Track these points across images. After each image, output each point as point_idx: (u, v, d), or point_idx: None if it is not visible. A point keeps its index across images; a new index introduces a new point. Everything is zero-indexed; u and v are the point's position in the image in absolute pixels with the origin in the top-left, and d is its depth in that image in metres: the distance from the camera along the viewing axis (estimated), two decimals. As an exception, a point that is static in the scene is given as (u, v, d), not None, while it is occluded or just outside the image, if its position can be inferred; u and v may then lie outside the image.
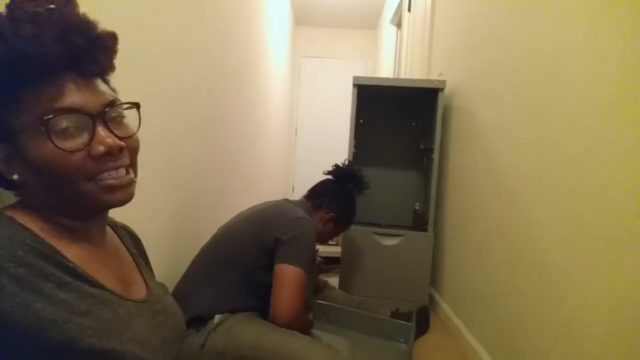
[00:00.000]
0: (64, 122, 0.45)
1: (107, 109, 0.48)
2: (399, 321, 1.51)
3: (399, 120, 2.41)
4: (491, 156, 1.55)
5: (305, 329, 1.17)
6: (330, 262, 2.58)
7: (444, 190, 2.09)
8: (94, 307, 0.45)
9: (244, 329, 1.08)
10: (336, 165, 1.53)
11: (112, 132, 0.48)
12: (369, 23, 5.17)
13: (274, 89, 3.58)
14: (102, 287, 0.48)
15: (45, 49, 0.43)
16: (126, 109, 0.52)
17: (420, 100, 2.20)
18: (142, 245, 0.72)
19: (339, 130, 5.00)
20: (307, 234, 1.20)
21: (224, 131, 1.90)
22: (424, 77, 2.62)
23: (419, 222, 2.19)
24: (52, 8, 0.44)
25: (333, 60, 5.36)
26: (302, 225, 1.20)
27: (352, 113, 2.08)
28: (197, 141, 1.50)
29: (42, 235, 0.45)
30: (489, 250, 1.51)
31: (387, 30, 4.29)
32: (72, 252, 0.48)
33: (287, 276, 1.10)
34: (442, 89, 2.01)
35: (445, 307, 1.95)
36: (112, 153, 0.48)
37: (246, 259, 1.18)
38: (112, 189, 0.49)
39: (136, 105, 0.53)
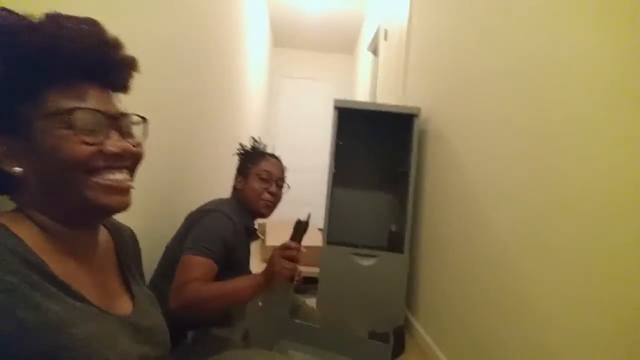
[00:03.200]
0: (87, 117, 0.49)
1: (124, 116, 0.54)
2: (376, 342, 1.53)
3: (376, 143, 2.48)
4: (465, 179, 1.62)
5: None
6: (308, 282, 2.57)
7: (419, 213, 2.15)
8: (81, 320, 0.45)
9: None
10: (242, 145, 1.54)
11: (124, 137, 0.53)
12: (346, 48, 5.33)
13: (251, 107, 3.61)
14: (87, 302, 0.49)
15: (82, 53, 0.49)
16: (136, 122, 0.57)
17: (397, 124, 2.29)
18: (138, 246, 0.73)
19: (316, 149, 5.08)
20: (209, 224, 1.17)
21: (201, 152, 1.91)
22: (398, 101, 2.73)
23: (395, 243, 2.23)
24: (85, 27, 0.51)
25: (310, 81, 5.47)
26: (209, 217, 1.19)
27: (332, 135, 2.13)
28: (171, 162, 1.50)
29: (31, 245, 0.46)
30: (464, 272, 1.56)
31: (364, 56, 4.44)
32: (60, 266, 0.48)
33: (182, 264, 1.07)
34: (416, 115, 2.10)
35: (419, 328, 1.98)
36: (123, 155, 0.52)
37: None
38: (112, 190, 0.51)
39: (144, 120, 0.58)
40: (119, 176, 0.52)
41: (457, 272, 1.63)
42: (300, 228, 1.41)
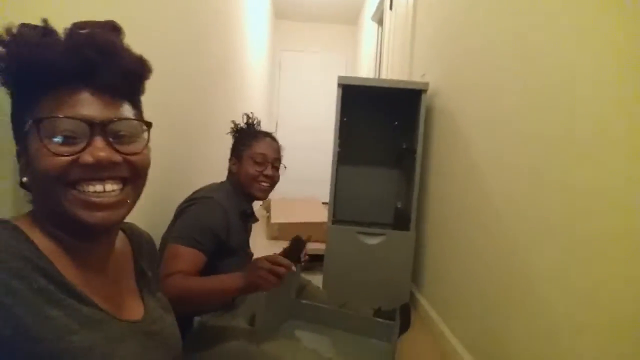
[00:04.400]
0: (60, 125, 0.45)
1: (111, 122, 0.48)
2: (382, 320, 1.54)
3: (382, 119, 2.42)
4: (473, 156, 1.58)
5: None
6: (313, 260, 2.58)
7: (426, 190, 2.12)
8: (83, 327, 0.44)
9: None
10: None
11: (111, 145, 0.48)
12: (350, 19, 5.16)
13: (253, 82, 3.54)
14: (96, 307, 0.48)
15: (58, 58, 0.46)
16: (134, 128, 0.52)
17: (403, 100, 2.22)
18: (156, 252, 0.73)
19: (319, 124, 5.00)
20: (195, 212, 1.15)
21: (200, 124, 1.86)
22: (405, 76, 2.65)
23: (401, 221, 2.22)
24: (85, 31, 0.49)
25: (313, 54, 5.33)
26: (197, 206, 1.16)
27: (336, 112, 2.08)
28: (173, 135, 1.46)
29: (42, 248, 0.45)
30: (471, 249, 1.55)
31: (368, 27, 4.30)
32: (70, 270, 0.47)
33: (166, 255, 1.05)
34: (425, 91, 2.04)
35: (425, 304, 1.99)
36: (100, 165, 0.46)
37: None
38: (91, 205, 0.47)
39: (147, 124, 0.53)
40: (99, 187, 0.47)
41: (463, 249, 1.62)
42: (298, 247, 1.37)
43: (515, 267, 1.20)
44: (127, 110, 0.52)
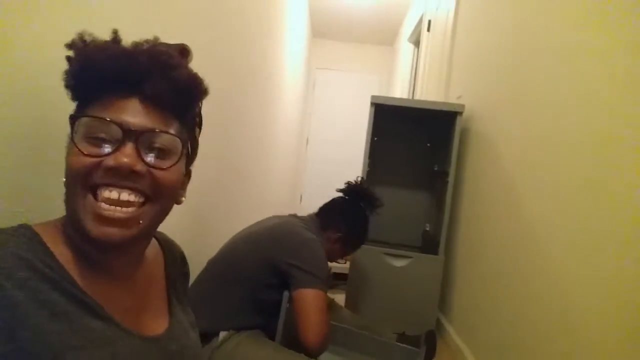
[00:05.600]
0: (93, 125, 0.45)
1: (147, 132, 0.46)
2: (407, 346, 1.49)
3: (414, 140, 2.40)
4: (508, 185, 1.54)
5: None
6: (337, 279, 2.56)
7: (456, 214, 2.07)
8: (88, 344, 0.42)
9: (248, 349, 1.08)
10: (348, 183, 1.50)
11: (139, 154, 0.45)
12: (386, 39, 5.20)
13: (287, 97, 3.60)
14: (111, 320, 0.46)
15: (111, 63, 0.45)
16: (169, 143, 0.49)
17: (437, 122, 2.20)
18: (187, 267, 0.70)
19: (350, 142, 5.02)
20: (319, 255, 1.19)
21: (238, 138, 1.89)
22: (440, 98, 2.62)
23: (429, 244, 2.17)
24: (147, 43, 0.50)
25: (348, 73, 5.39)
26: (313, 247, 1.19)
27: (368, 131, 2.08)
28: (210, 148, 1.48)
29: (61, 258, 0.44)
30: (501, 279, 1.49)
31: (405, 48, 4.32)
32: (89, 280, 0.46)
33: (311, 300, 1.09)
34: (460, 113, 2.01)
35: (452, 332, 1.91)
36: (119, 172, 0.44)
37: (252, 278, 1.17)
38: (101, 219, 0.44)
39: (182, 140, 0.50)
40: (114, 194, 0.44)
41: (493, 277, 1.56)
42: None
43: (548, 300, 1.14)
44: (171, 126, 0.49)
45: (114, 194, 0.44)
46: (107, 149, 0.45)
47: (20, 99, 0.56)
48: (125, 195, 0.45)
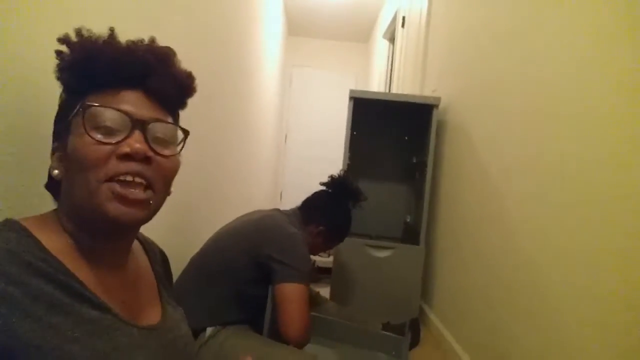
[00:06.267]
0: (104, 115, 0.47)
1: (152, 121, 0.49)
2: (392, 334, 1.51)
3: (392, 133, 2.44)
4: (484, 172, 1.58)
5: None
6: (321, 272, 2.58)
7: (436, 204, 2.12)
8: (88, 335, 0.42)
9: (235, 343, 1.07)
10: (331, 177, 1.51)
11: (147, 141, 0.48)
12: (362, 36, 5.25)
13: (264, 95, 3.59)
14: (108, 310, 0.46)
15: (119, 57, 0.49)
16: (170, 133, 0.53)
17: (414, 115, 2.24)
18: (169, 265, 0.71)
19: (329, 139, 5.04)
20: (300, 249, 1.19)
21: (216, 135, 1.88)
22: (416, 91, 2.67)
23: (410, 235, 2.21)
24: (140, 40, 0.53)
25: (324, 71, 5.41)
26: (295, 241, 1.19)
27: (347, 125, 2.10)
28: (193, 145, 1.46)
29: (54, 250, 0.44)
30: (481, 265, 1.53)
31: (380, 45, 4.37)
32: (84, 271, 0.46)
33: (291, 294, 1.10)
34: (436, 106, 2.05)
35: (435, 320, 1.96)
36: (134, 157, 0.47)
37: (236, 272, 1.16)
38: (118, 198, 0.46)
39: (184, 132, 0.55)
40: (129, 177, 0.47)
41: (473, 265, 1.60)
42: None
43: (528, 285, 1.19)
44: (169, 118, 0.53)
45: (128, 177, 0.47)
46: (116, 137, 0.47)
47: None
48: (138, 179, 0.48)
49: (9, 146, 0.57)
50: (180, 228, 1.41)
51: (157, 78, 0.51)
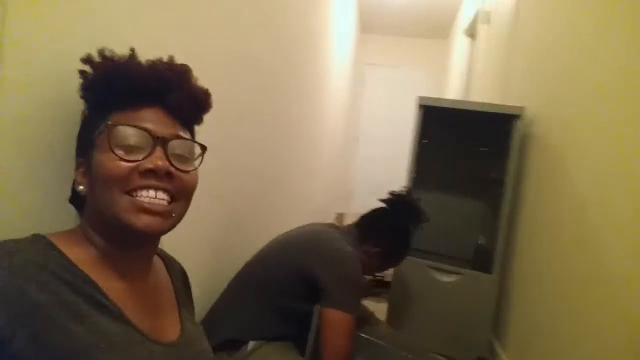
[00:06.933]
0: (127, 133, 0.49)
1: (173, 138, 0.52)
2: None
3: (467, 143, 2.20)
4: (576, 197, 1.34)
5: None
6: (381, 286, 2.44)
7: (515, 227, 1.87)
8: (108, 346, 0.44)
9: None
10: (391, 193, 1.39)
11: (168, 158, 0.50)
12: (439, 33, 4.93)
13: (333, 96, 3.53)
14: (129, 324, 0.48)
15: (141, 75, 0.52)
16: (189, 149, 0.55)
17: (494, 124, 2.00)
18: (188, 282, 0.72)
19: (402, 138, 4.83)
20: (353, 272, 1.12)
21: (277, 139, 1.84)
22: (497, 97, 2.40)
23: (482, 259, 1.98)
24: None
25: (399, 69, 5.20)
26: (347, 263, 1.12)
27: (414, 135, 1.94)
28: (246, 151, 1.43)
29: (79, 262, 0.46)
30: (567, 304, 1.30)
31: (459, 42, 4.06)
32: (108, 283, 0.48)
33: (336, 323, 1.05)
34: (519, 116, 1.80)
35: (506, 360, 1.74)
36: (157, 172, 0.49)
37: (283, 287, 1.12)
38: (142, 210, 0.48)
39: (202, 148, 0.56)
40: (151, 193, 0.49)
41: (560, 303, 1.36)
42: None
43: (628, 333, 0.96)
44: (187, 134, 0.56)
45: (151, 193, 0.49)
46: (139, 155, 0.49)
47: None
48: (160, 194, 0.50)
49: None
50: (231, 239, 1.41)
51: (175, 95, 0.53)
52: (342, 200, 4.95)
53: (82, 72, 0.52)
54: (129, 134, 0.49)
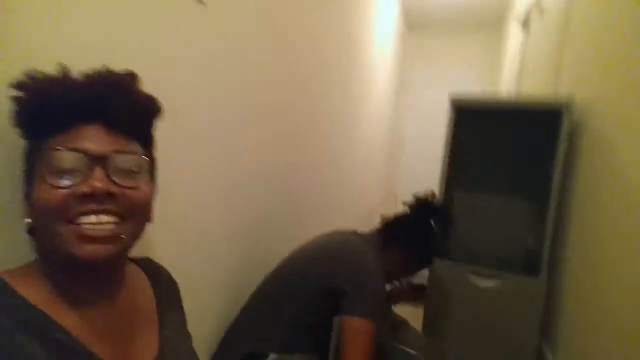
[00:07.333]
0: (61, 160, 0.45)
1: (111, 155, 0.47)
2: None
3: (514, 140, 2.05)
4: (634, 198, 1.20)
5: None
6: (418, 290, 2.35)
7: (565, 227, 1.73)
8: None
9: None
10: (416, 197, 1.35)
11: (110, 177, 0.47)
12: (489, 27, 4.69)
13: (377, 96, 3.49)
14: (91, 356, 0.46)
15: (69, 93, 0.47)
16: (133, 163, 0.51)
17: (541, 119, 1.86)
18: (176, 289, 0.69)
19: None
20: (375, 280, 1.10)
21: (312, 138, 1.84)
22: (548, 90, 2.22)
23: (527, 262, 1.84)
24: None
25: (448, 66, 5.01)
26: (368, 271, 1.11)
27: (447, 136, 1.86)
28: (275, 150, 1.42)
29: (34, 299, 0.44)
30: (628, 312, 1.17)
31: (511, 35, 3.83)
32: (67, 318, 0.46)
33: (355, 331, 1.03)
34: (566, 110, 1.66)
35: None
36: (95, 195, 0.45)
37: (306, 300, 1.12)
38: (84, 239, 0.45)
39: (148, 158, 0.53)
40: (93, 218, 0.45)
41: (618, 312, 1.23)
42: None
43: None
44: (134, 148, 0.51)
45: (92, 218, 0.46)
46: (77, 179, 0.46)
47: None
48: (104, 217, 0.46)
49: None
50: (263, 245, 1.41)
51: (113, 108, 0.49)
52: (388, 202, 4.86)
53: (15, 99, 0.47)
54: (63, 158, 0.46)
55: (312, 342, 1.12)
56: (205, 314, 1.10)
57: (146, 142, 0.55)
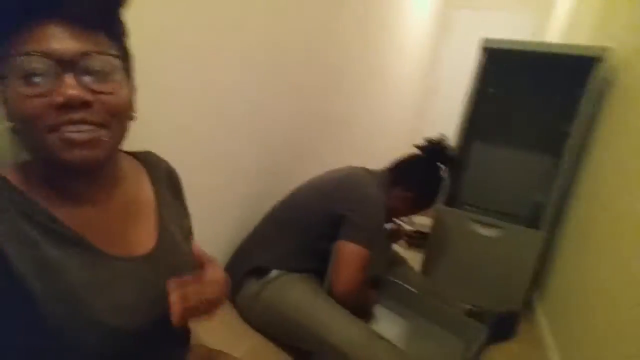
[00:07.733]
0: (27, 65, 0.41)
1: (83, 57, 0.43)
2: (470, 319, 1.37)
3: (540, 92, 1.97)
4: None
5: (364, 305, 1.19)
6: (424, 237, 2.41)
7: (576, 185, 1.70)
8: (51, 272, 0.44)
9: (293, 289, 1.12)
10: (428, 140, 1.37)
11: (82, 83, 0.43)
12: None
13: (410, 46, 3.34)
14: (90, 248, 0.48)
15: None
16: (107, 63, 0.46)
17: (571, 71, 1.76)
18: (177, 180, 0.68)
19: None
20: (373, 210, 1.15)
21: (343, 90, 1.85)
22: (594, 41, 2.07)
23: (536, 217, 1.85)
24: None
25: (493, 12, 4.64)
26: (369, 202, 1.16)
27: (474, 82, 1.80)
28: (311, 97, 1.49)
29: (32, 194, 0.46)
30: (618, 273, 1.20)
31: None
32: (64, 212, 0.48)
33: (348, 254, 1.10)
34: (599, 59, 1.56)
35: (542, 320, 1.67)
36: (71, 105, 0.42)
37: (310, 225, 1.19)
38: (71, 144, 0.43)
39: (121, 57, 0.48)
40: (73, 129, 0.43)
41: (608, 271, 1.26)
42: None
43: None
44: (102, 43, 0.46)
45: (72, 128, 0.44)
46: (48, 84, 0.42)
47: None
48: (84, 127, 0.44)
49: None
50: (289, 175, 1.52)
51: (74, 2, 0.43)
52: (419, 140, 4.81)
53: None
54: (29, 63, 0.42)
55: (314, 264, 1.20)
56: (228, 218, 1.25)
57: (116, 34, 0.49)
